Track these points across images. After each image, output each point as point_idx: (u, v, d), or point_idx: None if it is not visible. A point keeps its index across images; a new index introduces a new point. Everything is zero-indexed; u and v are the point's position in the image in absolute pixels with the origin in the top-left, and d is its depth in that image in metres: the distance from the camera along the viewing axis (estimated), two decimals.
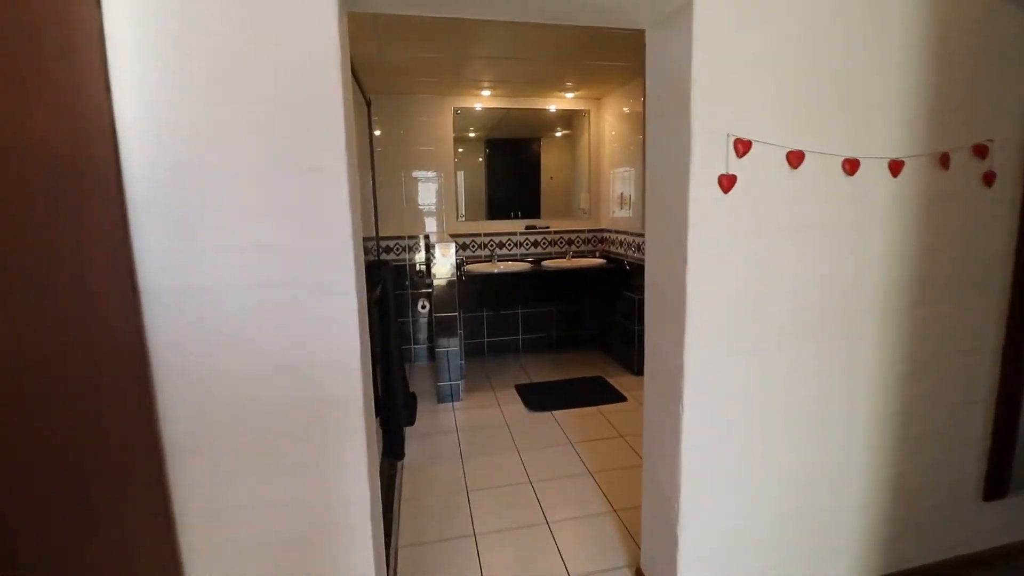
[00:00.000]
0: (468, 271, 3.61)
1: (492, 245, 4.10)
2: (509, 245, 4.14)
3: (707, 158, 1.29)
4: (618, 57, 3.07)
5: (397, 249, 3.94)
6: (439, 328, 3.18)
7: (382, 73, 3.28)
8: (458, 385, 3.24)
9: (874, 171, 1.43)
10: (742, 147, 1.30)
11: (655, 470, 1.59)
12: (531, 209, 4.26)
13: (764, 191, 1.35)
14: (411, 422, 2.89)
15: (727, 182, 1.31)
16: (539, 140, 4.36)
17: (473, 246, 4.07)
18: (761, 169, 1.33)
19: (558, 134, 4.33)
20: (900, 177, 1.45)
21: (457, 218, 4.07)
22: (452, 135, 3.99)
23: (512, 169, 4.34)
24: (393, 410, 2.21)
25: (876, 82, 1.38)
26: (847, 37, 1.35)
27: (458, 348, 3.22)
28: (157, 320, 1.03)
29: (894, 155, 1.44)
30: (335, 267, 1.10)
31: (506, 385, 3.57)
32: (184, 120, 0.99)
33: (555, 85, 3.72)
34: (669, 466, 1.46)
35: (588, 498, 2.20)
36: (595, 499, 2.19)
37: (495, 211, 4.19)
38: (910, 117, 1.44)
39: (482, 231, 4.10)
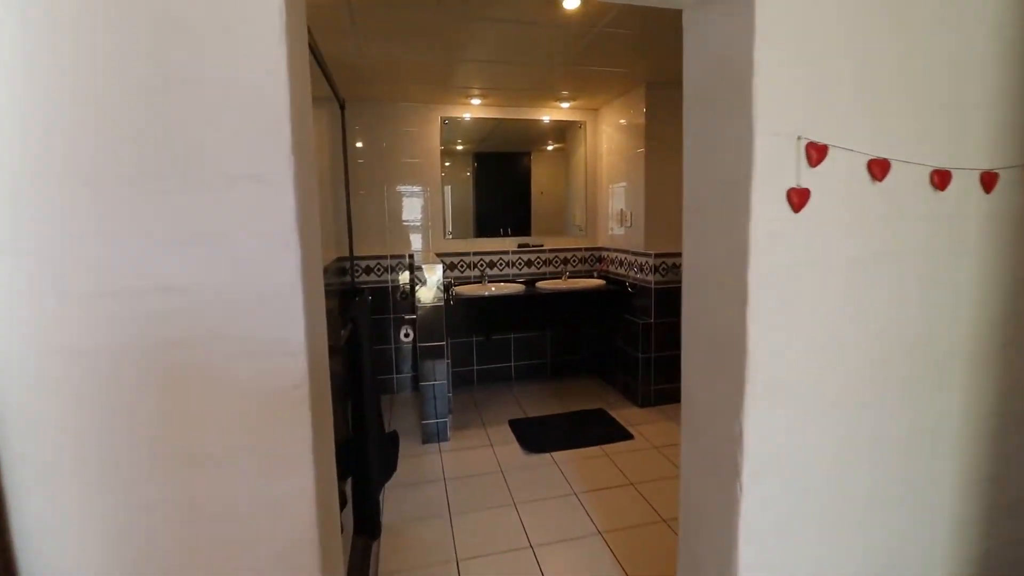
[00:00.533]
0: (457, 294, 3.29)
1: (482, 265, 3.79)
2: (500, 265, 3.83)
3: (773, 167, 1.01)
4: (618, 63, 2.82)
5: (378, 269, 3.61)
6: (424, 359, 2.84)
7: (362, 77, 2.98)
8: (445, 423, 2.90)
9: (966, 185, 1.16)
10: (816, 153, 1.02)
11: (700, 565, 1.27)
12: (521, 226, 3.97)
13: (842, 209, 1.06)
14: (391, 472, 2.53)
15: (798, 198, 1.02)
16: (529, 154, 4.09)
17: (461, 266, 3.76)
18: (838, 181, 1.05)
19: (549, 148, 4.07)
20: (993, 193, 1.19)
21: (444, 235, 3.76)
22: (439, 147, 3.70)
23: (501, 184, 4.06)
24: (365, 485, 1.84)
25: (977, 76, 1.12)
26: (947, 15, 1.08)
27: (445, 381, 2.88)
28: None
29: (987, 166, 1.17)
30: (275, 315, 0.77)
31: (499, 420, 3.23)
32: (30, 109, 0.67)
33: (550, 94, 3.46)
34: (722, 561, 1.14)
35: (601, 568, 1.87)
36: (609, 569, 1.86)
37: (484, 228, 3.89)
38: (1006, 120, 1.17)
39: (471, 250, 3.79)
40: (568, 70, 2.91)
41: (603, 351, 3.90)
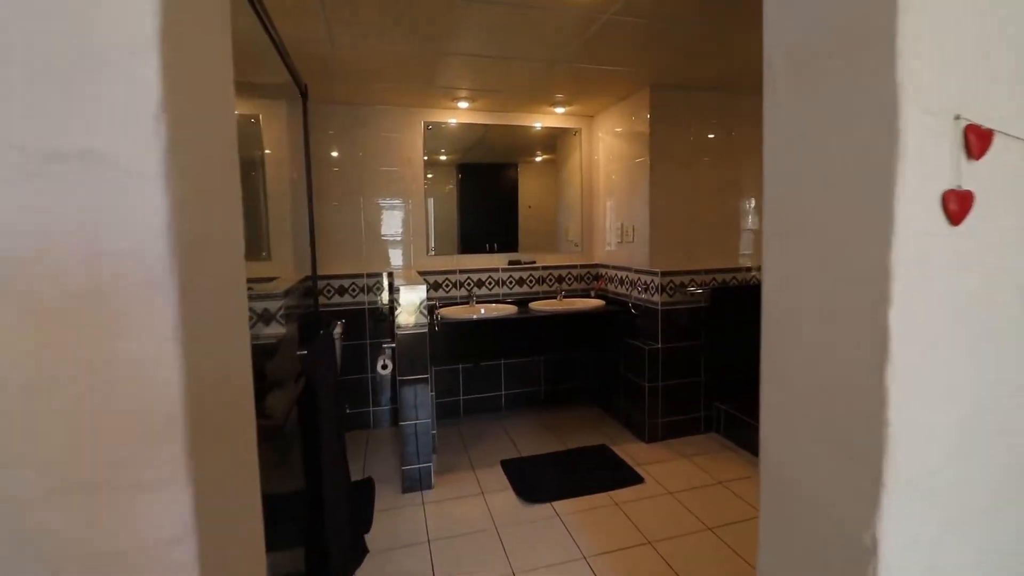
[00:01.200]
0: (442, 317, 2.93)
1: (469, 284, 3.44)
2: (489, 283, 3.48)
3: (924, 160, 0.69)
4: (622, 60, 2.53)
5: (353, 290, 3.22)
6: (405, 394, 2.45)
7: (336, 73, 2.63)
8: (428, 468, 2.51)
9: None
10: (978, 142, 0.71)
11: None
12: (508, 241, 3.65)
13: (1013, 219, 0.75)
14: (364, 530, 2.13)
15: (958, 204, 0.70)
16: (516, 166, 3.78)
17: (447, 285, 3.40)
18: (1006, 180, 0.74)
19: (537, 159, 3.77)
20: None
21: (427, 252, 3.40)
22: (423, 155, 3.36)
23: (487, 197, 3.74)
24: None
25: None
26: None
27: (429, 419, 2.50)
28: None
29: None
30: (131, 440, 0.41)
31: (490, 460, 2.85)
32: None
33: (544, 97, 3.16)
34: None
35: None
36: None
37: (469, 243, 3.56)
38: None
39: (457, 267, 3.43)
40: (567, 68, 2.61)
41: (603, 377, 3.57)
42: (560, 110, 3.44)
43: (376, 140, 3.25)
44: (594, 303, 3.35)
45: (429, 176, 3.50)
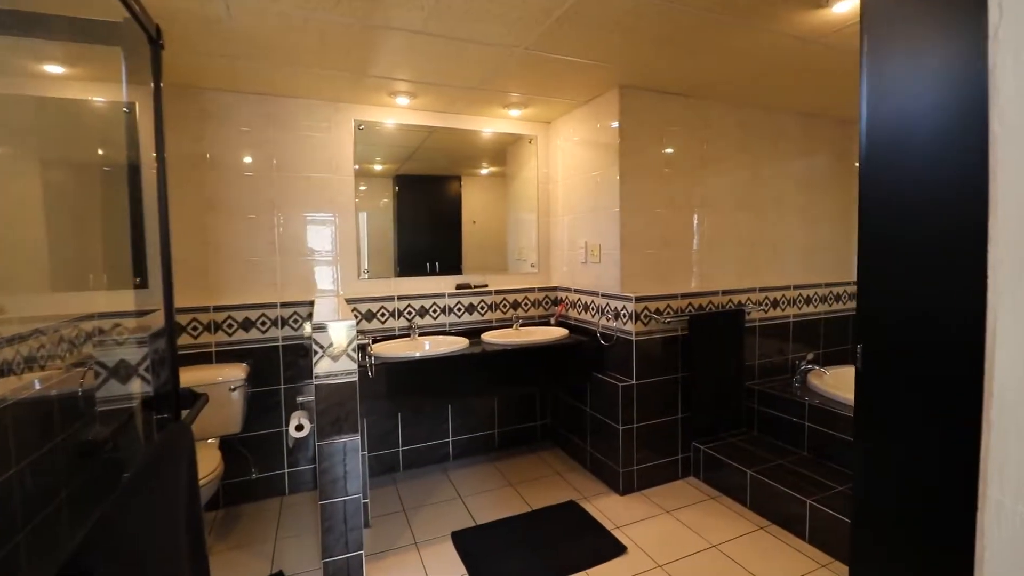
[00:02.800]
0: (377, 357, 2.38)
1: (410, 313, 2.90)
2: (434, 311, 2.97)
3: None
4: (592, 50, 2.16)
5: (263, 323, 2.60)
6: (327, 464, 1.88)
7: (239, 51, 2.06)
8: (359, 559, 1.93)
9: None
10: None
11: None
12: (451, 262, 3.17)
13: None
14: None
15: None
16: (459, 179, 3.33)
17: (382, 315, 2.84)
18: None
19: (483, 171, 3.34)
20: None
21: (359, 275, 2.84)
22: (353, 160, 2.82)
23: (428, 212, 3.25)
24: None
25: None
26: None
27: (359, 493, 1.93)
28: None
29: None
30: None
31: (438, 532, 2.30)
32: None
33: (497, 96, 2.74)
34: None
35: None
36: None
37: (408, 264, 3.04)
38: None
39: (396, 293, 2.89)
40: (527, 57, 2.20)
41: (567, 417, 3.13)
42: (515, 113, 3.03)
43: (295, 141, 2.68)
44: (556, 332, 2.92)
45: (363, 188, 2.97)
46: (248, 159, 2.59)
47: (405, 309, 2.88)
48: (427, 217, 3.24)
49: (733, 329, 2.83)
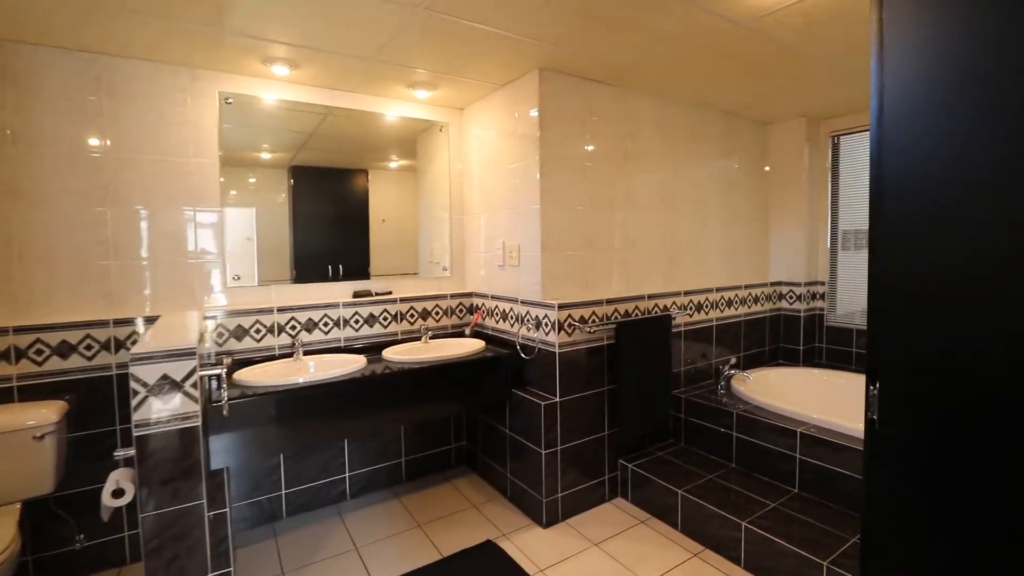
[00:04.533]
0: (245, 386, 1.90)
1: (294, 327, 2.42)
2: (325, 325, 2.50)
3: None
4: (504, 20, 1.85)
5: (87, 347, 2.00)
6: (155, 543, 1.38)
7: None
8: None
9: None
10: None
11: None
12: (357, 265, 2.74)
13: None
14: None
15: None
16: (366, 172, 2.90)
17: (257, 331, 2.33)
18: None
19: (393, 164, 2.93)
20: None
21: (227, 282, 2.31)
22: (219, 143, 2.29)
23: (330, 209, 2.78)
24: None
25: None
26: None
27: (206, 572, 1.46)
28: None
29: None
30: None
31: None
32: None
33: (399, 72, 2.34)
34: None
35: None
36: None
37: (307, 269, 2.57)
38: None
39: (276, 304, 2.39)
40: (432, 22, 1.84)
41: (483, 439, 2.79)
42: (422, 94, 2.64)
43: (138, 113, 2.11)
44: (471, 346, 2.57)
45: (252, 180, 2.48)
46: (69, 135, 1.98)
47: (288, 323, 2.39)
48: (329, 215, 2.77)
49: (660, 336, 2.65)
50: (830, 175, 3.37)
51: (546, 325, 2.36)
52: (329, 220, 2.76)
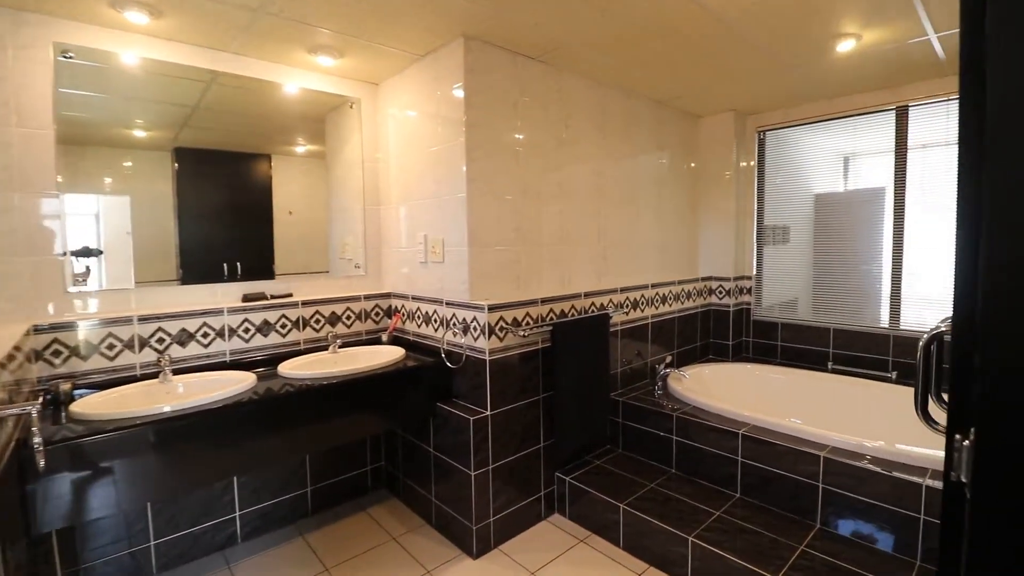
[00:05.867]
0: (84, 420, 1.46)
1: (164, 339, 1.96)
2: (205, 336, 2.06)
3: None
4: None
5: None
6: None
7: None
8: None
9: None
10: None
11: None
12: (260, 264, 2.34)
13: None
14: None
15: None
16: (269, 158, 2.47)
17: (110, 347, 1.85)
18: None
19: (300, 148, 2.53)
20: None
21: (67, 285, 1.82)
22: (53, 109, 1.79)
23: (227, 199, 2.34)
24: None
25: None
26: None
27: None
28: None
29: None
30: None
31: None
32: None
33: (297, 32, 1.96)
34: None
35: None
36: None
37: (198, 268, 2.15)
38: None
39: (138, 312, 1.92)
40: None
41: (405, 457, 2.47)
42: (327, 62, 2.26)
43: None
44: (389, 355, 2.23)
45: (127, 164, 2.01)
46: None
47: (153, 335, 1.92)
48: (225, 206, 2.33)
49: (598, 337, 2.47)
50: (756, 171, 3.37)
51: (475, 329, 2.08)
52: (225, 212, 2.32)
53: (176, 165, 2.16)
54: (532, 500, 2.27)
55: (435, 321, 2.30)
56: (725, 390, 2.98)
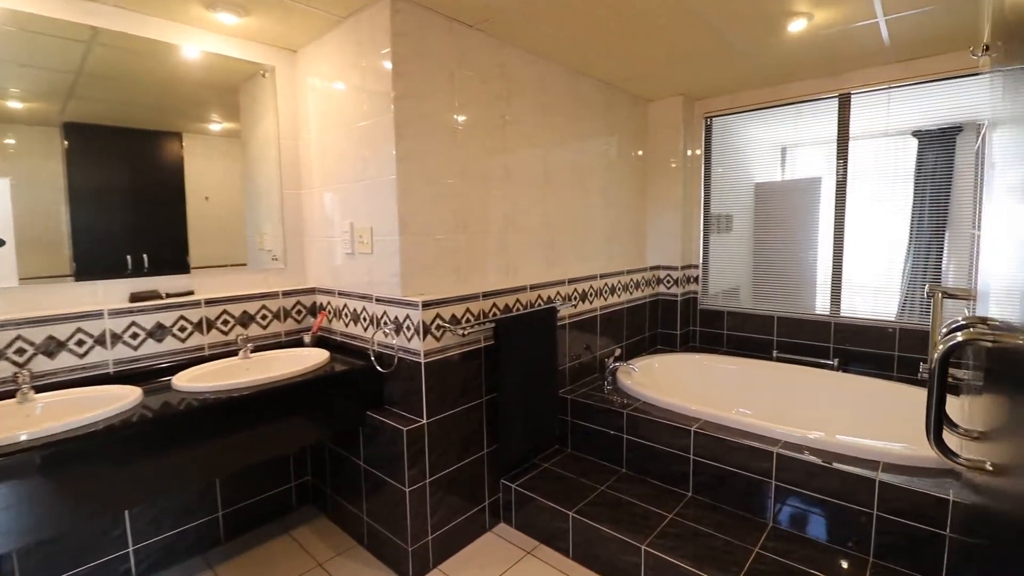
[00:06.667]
0: None
1: (24, 350, 1.61)
2: (82, 343, 1.72)
3: None
4: None
5: None
6: None
7: None
8: None
9: None
10: None
11: None
12: (171, 256, 2.02)
13: None
14: None
15: None
16: (180, 136, 2.12)
17: None
18: None
19: (215, 126, 2.19)
20: None
21: None
22: None
23: (130, 183, 1.98)
24: None
25: None
26: None
27: None
28: None
29: None
30: None
31: None
32: None
33: None
34: None
35: None
36: None
37: (96, 261, 1.83)
38: None
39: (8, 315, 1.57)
40: None
41: (333, 470, 2.22)
42: (229, 19, 1.94)
43: None
44: (311, 359, 1.97)
45: (9, 141, 1.62)
46: None
47: (10, 345, 1.58)
48: (128, 191, 1.96)
49: (545, 332, 2.31)
50: (703, 158, 3.31)
51: (408, 329, 1.87)
52: (128, 197, 1.96)
53: (66, 143, 1.79)
54: (476, 511, 2.09)
55: (364, 320, 2.06)
56: (675, 382, 2.91)
